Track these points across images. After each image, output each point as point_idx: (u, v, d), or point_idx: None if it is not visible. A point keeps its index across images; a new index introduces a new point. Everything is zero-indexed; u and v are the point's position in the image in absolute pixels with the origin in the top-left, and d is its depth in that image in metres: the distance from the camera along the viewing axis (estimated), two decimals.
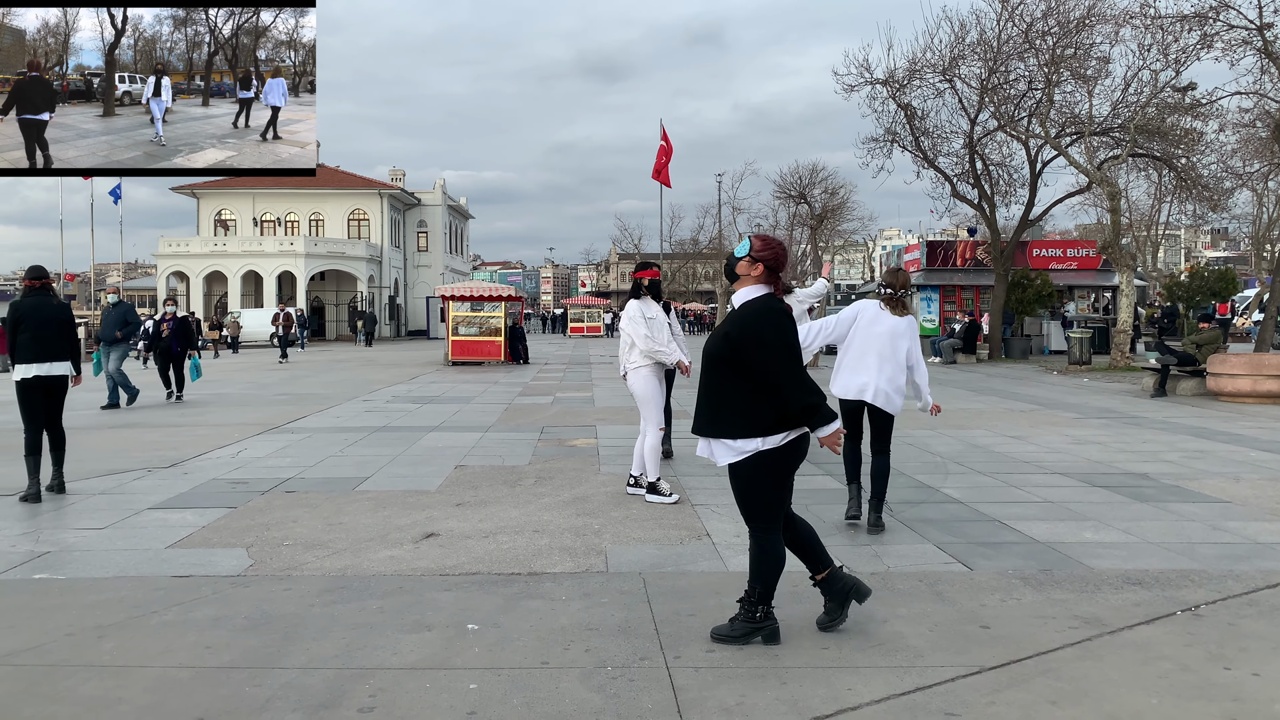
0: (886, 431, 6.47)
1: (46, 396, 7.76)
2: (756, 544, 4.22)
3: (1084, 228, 59.79)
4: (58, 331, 7.78)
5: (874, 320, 6.42)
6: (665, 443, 10.03)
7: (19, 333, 7.65)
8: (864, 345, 6.39)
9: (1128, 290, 22.56)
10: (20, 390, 7.70)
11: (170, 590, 5.05)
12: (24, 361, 7.65)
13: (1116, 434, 11.31)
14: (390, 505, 7.26)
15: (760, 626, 4.17)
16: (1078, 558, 5.62)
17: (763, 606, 4.17)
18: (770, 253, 4.14)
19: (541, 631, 4.34)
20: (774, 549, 4.20)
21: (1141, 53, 22.50)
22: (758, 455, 4.06)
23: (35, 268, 8.12)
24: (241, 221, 58.81)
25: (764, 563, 4.19)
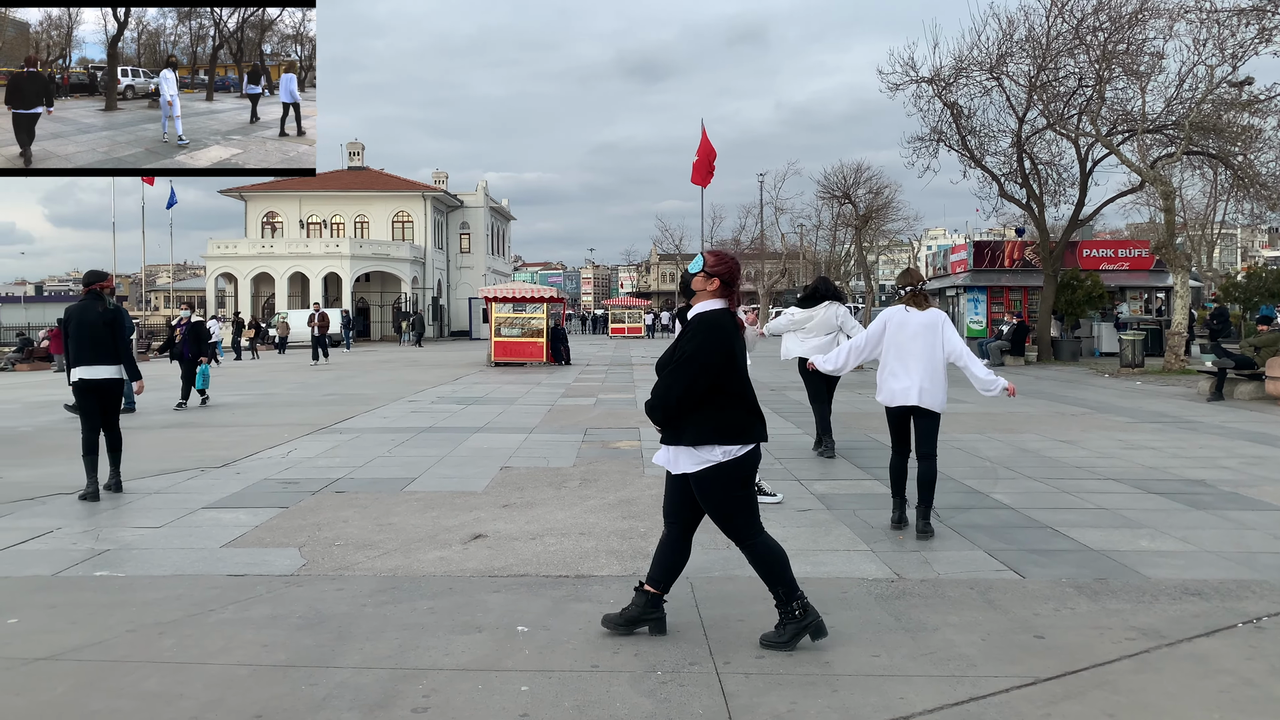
0: (933, 433, 6.42)
1: (100, 399, 7.93)
2: (748, 553, 4.24)
3: (1135, 227, 58.59)
4: (102, 336, 7.85)
5: (901, 324, 6.45)
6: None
7: (67, 337, 7.87)
8: (898, 350, 6.41)
9: (1182, 291, 22.08)
10: (75, 392, 7.92)
11: (226, 589, 5.15)
12: (73, 365, 7.86)
13: (1171, 439, 11.08)
14: (438, 506, 7.33)
15: (805, 623, 4.17)
16: (1133, 566, 5.52)
17: (797, 603, 4.17)
18: (724, 268, 4.27)
19: (591, 635, 4.36)
20: (765, 547, 4.22)
21: (1196, 48, 22.00)
22: (719, 465, 4.11)
23: (91, 272, 8.26)
24: (288, 223, 59.75)
25: (766, 564, 4.22)
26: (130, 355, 8.13)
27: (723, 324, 4.15)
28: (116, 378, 8.00)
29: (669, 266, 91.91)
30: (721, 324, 4.15)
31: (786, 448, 10.46)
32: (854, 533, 6.42)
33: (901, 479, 6.59)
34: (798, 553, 5.86)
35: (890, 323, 6.48)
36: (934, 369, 6.34)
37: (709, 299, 4.25)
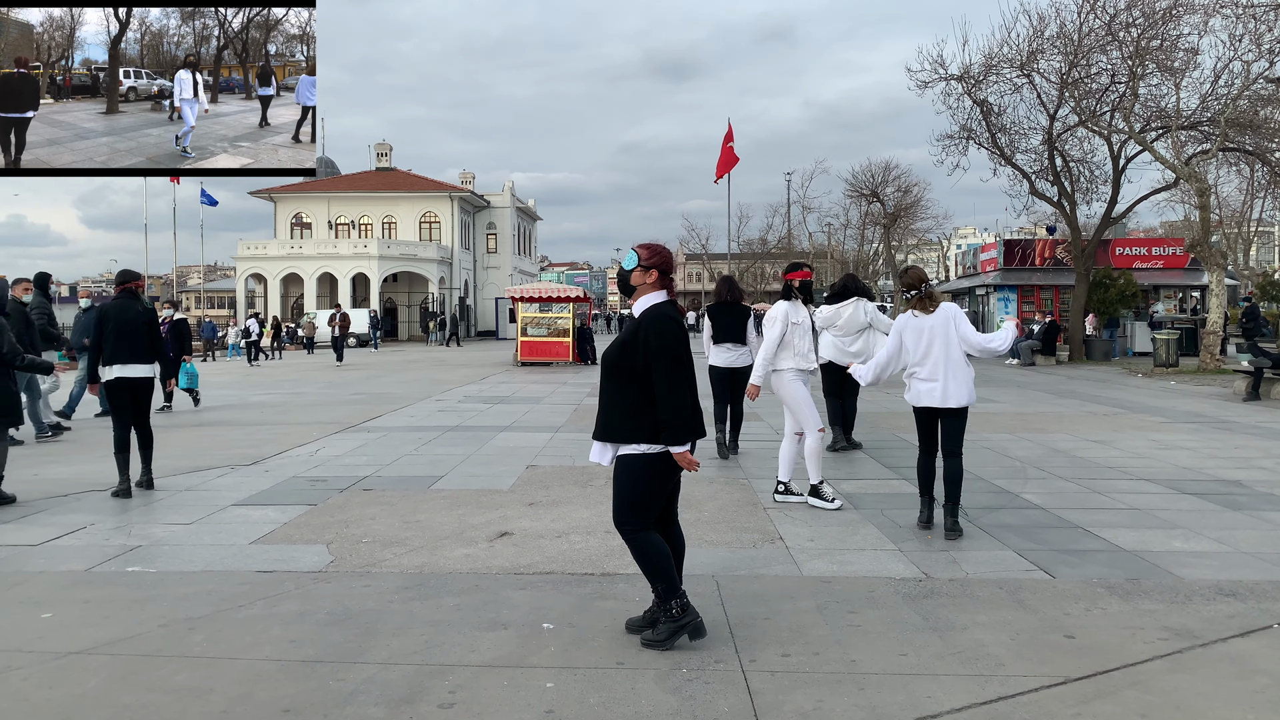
0: (959, 432, 6.38)
1: (132, 397, 8.04)
2: (632, 546, 4.21)
3: (1170, 224, 57.73)
4: (140, 334, 8.01)
5: (916, 330, 6.45)
6: (733, 443, 10.05)
7: (104, 335, 7.96)
8: (918, 354, 6.42)
9: (1218, 290, 21.75)
10: (107, 390, 8.02)
11: (255, 585, 5.20)
12: (108, 363, 7.96)
13: (1206, 439, 10.91)
14: (464, 504, 7.36)
15: (683, 622, 4.15)
16: (1167, 567, 5.44)
17: (676, 601, 4.14)
18: (659, 258, 4.29)
19: (616, 632, 4.35)
20: (648, 543, 4.17)
21: (1233, 43, 21.66)
22: (641, 456, 4.12)
23: (124, 272, 8.41)
24: (317, 224, 60.29)
25: (647, 560, 4.17)
26: (166, 354, 8.28)
27: (673, 316, 4.20)
28: (151, 376, 8.13)
29: (695, 266, 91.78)
30: (672, 316, 4.19)
31: None
32: (882, 532, 6.37)
33: (930, 478, 6.58)
34: (825, 551, 5.84)
35: (905, 331, 6.49)
36: (955, 367, 6.32)
37: (650, 291, 4.28)
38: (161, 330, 16.00)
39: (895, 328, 6.59)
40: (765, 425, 12.40)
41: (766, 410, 14.18)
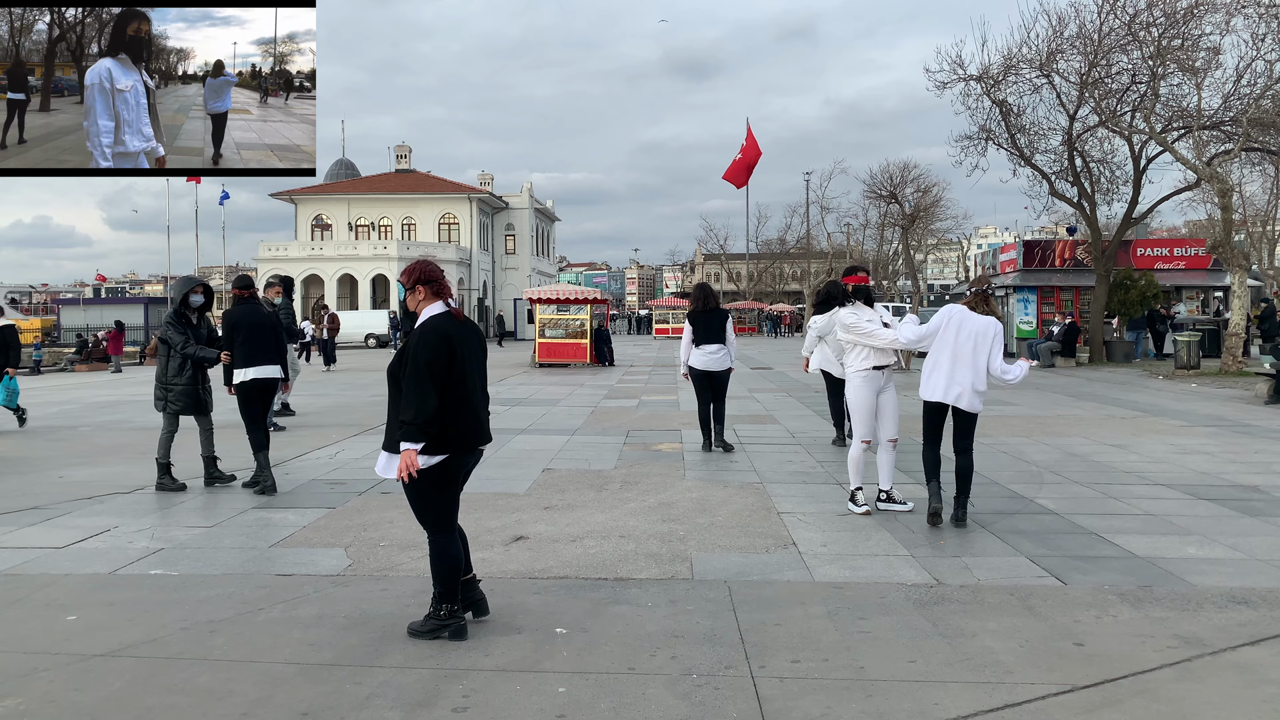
0: (970, 430, 6.72)
1: (262, 397, 8.36)
2: (431, 545, 4.47)
3: (1193, 224, 57.22)
4: (269, 337, 8.34)
5: (960, 323, 6.68)
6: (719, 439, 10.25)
7: (235, 339, 8.21)
8: (951, 348, 6.63)
9: (1240, 291, 21.56)
10: (241, 393, 8.26)
11: (275, 588, 5.29)
12: (242, 366, 8.20)
13: (1226, 443, 10.85)
14: (481, 508, 7.44)
15: (446, 624, 4.41)
16: (1180, 574, 5.44)
17: (446, 605, 4.42)
18: (415, 275, 4.53)
19: (628, 637, 4.41)
20: (447, 549, 4.45)
21: (1255, 43, 21.46)
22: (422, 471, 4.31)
23: (241, 277, 8.79)
24: (337, 226, 60.75)
25: (439, 561, 4.44)
26: (286, 356, 8.61)
27: (440, 327, 4.39)
28: (279, 377, 8.45)
29: (714, 267, 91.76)
30: (438, 327, 4.39)
31: (828, 448, 10.44)
32: (894, 537, 6.40)
33: (935, 466, 6.84)
34: (837, 557, 5.88)
35: (950, 320, 6.71)
36: (978, 374, 6.61)
37: (426, 305, 4.50)
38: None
39: (945, 311, 6.81)
40: (780, 428, 12.43)
41: (783, 413, 14.21)
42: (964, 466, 6.70)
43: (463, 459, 4.47)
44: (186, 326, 8.22)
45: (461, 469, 4.51)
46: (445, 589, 4.44)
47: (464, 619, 4.49)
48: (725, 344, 10.32)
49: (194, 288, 8.36)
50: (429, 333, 4.36)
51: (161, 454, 8.33)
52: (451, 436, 4.34)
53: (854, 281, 7.51)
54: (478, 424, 4.51)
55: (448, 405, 4.31)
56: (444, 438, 4.32)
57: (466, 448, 4.44)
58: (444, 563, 4.45)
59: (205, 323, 8.49)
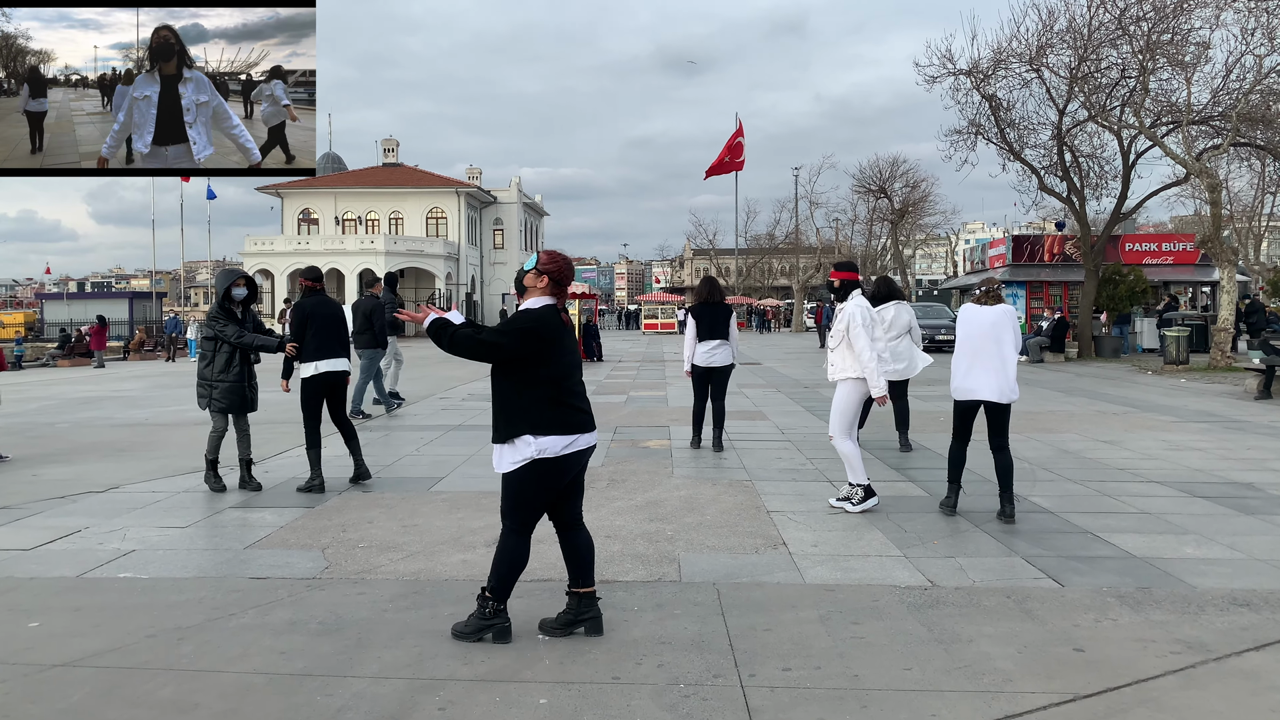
0: (1005, 424, 6.79)
1: (332, 391, 8.21)
2: (503, 538, 4.32)
3: (1180, 220, 57.32)
4: (338, 330, 8.21)
5: (972, 320, 6.82)
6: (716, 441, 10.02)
7: (307, 331, 8.05)
8: (971, 345, 6.77)
9: (1229, 286, 21.53)
10: (307, 387, 8.11)
11: (247, 592, 5.11)
12: (312, 359, 8.04)
13: (1218, 439, 10.76)
14: (464, 507, 7.27)
15: (491, 623, 4.28)
16: (1179, 575, 5.31)
17: (494, 603, 4.26)
18: (555, 266, 4.32)
19: (613, 644, 4.25)
20: (517, 548, 4.29)
21: (1245, 37, 21.41)
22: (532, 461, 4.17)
23: (312, 269, 8.62)
24: (324, 220, 60.35)
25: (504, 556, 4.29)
26: (350, 349, 8.46)
27: (543, 317, 4.24)
28: (348, 370, 8.32)
29: (703, 262, 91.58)
30: (542, 317, 4.24)
31: (817, 445, 10.30)
32: (887, 537, 6.26)
33: (960, 466, 6.93)
34: (828, 558, 5.73)
35: (964, 320, 6.85)
36: (1004, 363, 6.69)
37: (538, 295, 4.32)
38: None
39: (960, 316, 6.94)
40: (770, 425, 12.29)
41: (772, 409, 14.07)
42: (1005, 462, 6.79)
43: (570, 459, 4.26)
44: (231, 320, 7.94)
45: (569, 468, 4.28)
46: (500, 583, 4.28)
47: (508, 620, 4.31)
48: (728, 340, 9.96)
49: (236, 280, 8.04)
50: (528, 317, 4.23)
51: (210, 450, 8.09)
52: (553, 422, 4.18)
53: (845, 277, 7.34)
54: (583, 413, 4.32)
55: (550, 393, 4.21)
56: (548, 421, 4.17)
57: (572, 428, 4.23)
58: (508, 558, 4.27)
59: (251, 316, 8.19)
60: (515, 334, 4.17)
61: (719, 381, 10.07)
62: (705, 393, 10.12)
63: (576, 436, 4.25)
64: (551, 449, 4.17)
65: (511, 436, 4.19)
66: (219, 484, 8.02)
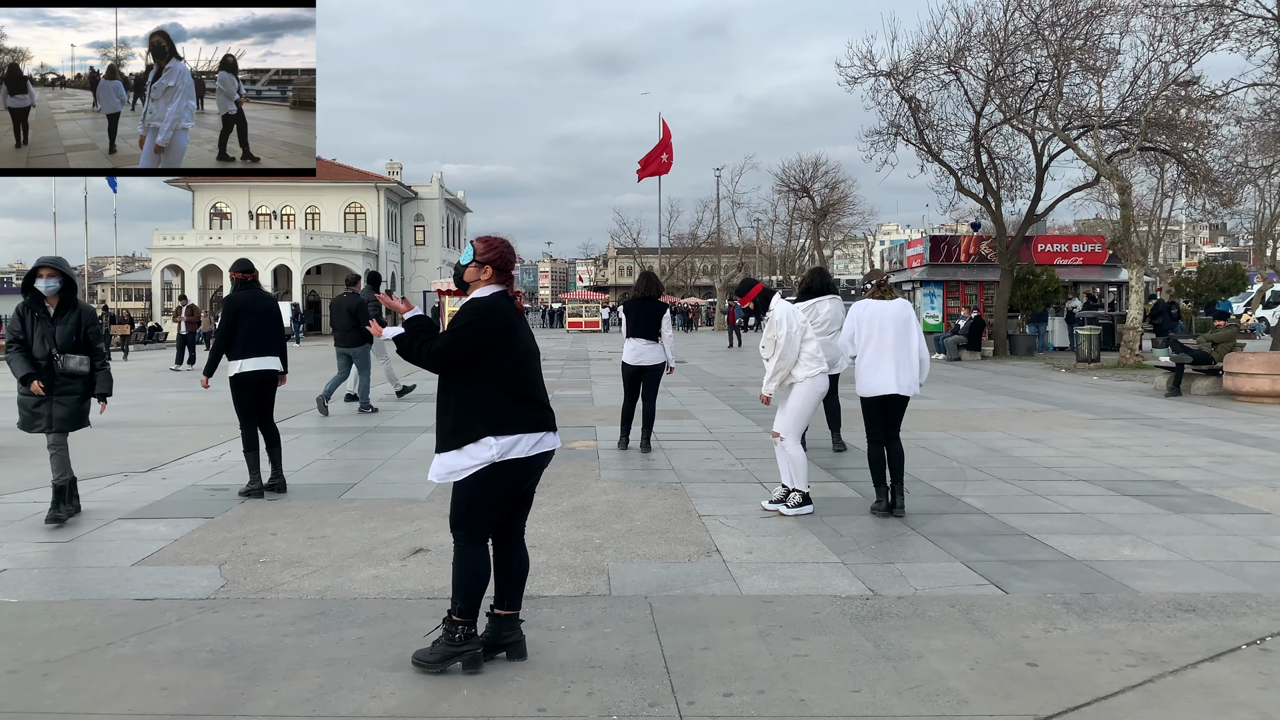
0: (900, 419, 6.84)
1: (260, 391, 7.62)
2: (458, 554, 3.90)
3: (1082, 223, 59.23)
4: (271, 326, 7.64)
5: (874, 316, 6.74)
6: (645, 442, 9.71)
7: (237, 327, 7.45)
8: (876, 341, 6.68)
9: (1137, 287, 22.13)
10: (235, 386, 7.52)
11: (130, 616, 4.60)
12: (240, 356, 7.45)
13: (1137, 437, 10.88)
14: (377, 516, 6.82)
15: (460, 650, 3.85)
16: (1120, 579, 5.19)
17: (464, 625, 3.84)
18: (495, 253, 3.94)
19: (539, 669, 3.89)
20: (477, 559, 3.88)
21: (1152, 43, 22.02)
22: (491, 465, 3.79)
23: (243, 260, 7.99)
24: (237, 215, 58.33)
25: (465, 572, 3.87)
26: (286, 347, 7.89)
27: (494, 305, 3.86)
28: (279, 370, 7.71)
29: (627, 260, 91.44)
30: (492, 305, 3.86)
31: (746, 444, 10.08)
32: (822, 542, 6.02)
33: (883, 468, 6.78)
34: (764, 565, 5.47)
35: (866, 314, 6.71)
36: (909, 356, 6.68)
37: (483, 287, 3.92)
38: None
39: (856, 310, 6.79)
40: (697, 424, 12.04)
41: (698, 408, 13.84)
42: (898, 454, 6.77)
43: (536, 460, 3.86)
44: (32, 321, 6.46)
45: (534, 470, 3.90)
46: (468, 603, 3.83)
47: (480, 648, 3.88)
48: (657, 339, 9.61)
49: (39, 269, 6.48)
50: (480, 309, 3.83)
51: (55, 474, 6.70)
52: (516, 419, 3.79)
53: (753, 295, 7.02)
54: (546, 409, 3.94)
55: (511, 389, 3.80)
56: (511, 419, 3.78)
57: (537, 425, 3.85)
58: (469, 573, 3.85)
59: (79, 315, 6.56)
60: (466, 330, 3.76)
61: (650, 381, 9.76)
62: (636, 391, 9.79)
63: (543, 435, 3.87)
64: (518, 450, 3.78)
65: (467, 440, 3.75)
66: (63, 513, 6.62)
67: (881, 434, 6.79)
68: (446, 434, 3.80)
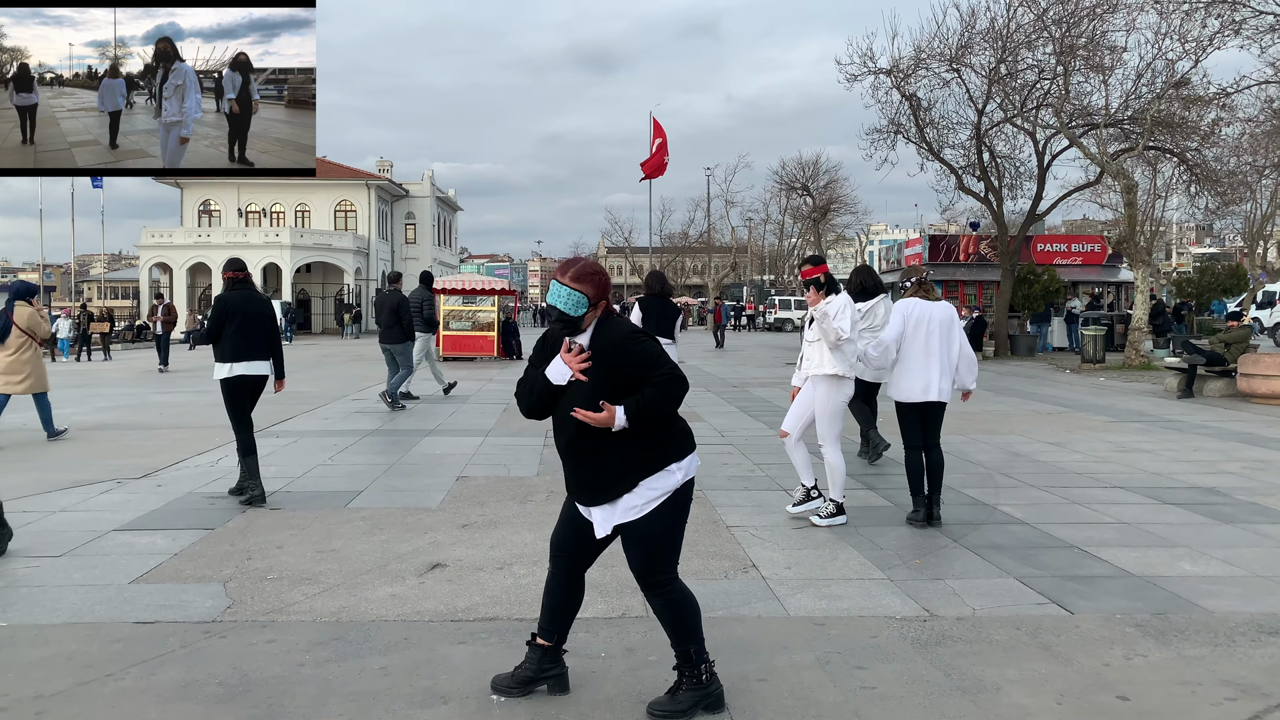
0: (939, 425, 6.55)
1: (252, 396, 7.33)
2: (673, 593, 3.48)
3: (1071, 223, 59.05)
4: (264, 328, 7.33)
5: (921, 318, 6.39)
6: None
7: (225, 328, 7.14)
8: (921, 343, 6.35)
9: (1143, 286, 21.89)
10: (226, 390, 7.21)
11: (130, 642, 4.24)
12: (229, 359, 7.14)
13: (1161, 440, 10.59)
14: (388, 526, 6.46)
15: (708, 691, 3.46)
16: (1188, 597, 4.87)
17: (706, 666, 3.48)
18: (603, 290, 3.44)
19: (584, 706, 3.55)
20: (684, 592, 3.52)
21: (1158, 41, 21.78)
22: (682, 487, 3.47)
23: (235, 260, 7.69)
24: (226, 212, 57.69)
25: (689, 608, 3.50)
26: (280, 350, 7.61)
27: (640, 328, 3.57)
28: (269, 374, 7.42)
29: (618, 260, 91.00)
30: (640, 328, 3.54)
31: (761, 449, 9.75)
32: (864, 556, 5.69)
33: (921, 476, 6.47)
34: (807, 582, 5.13)
35: (911, 315, 6.38)
36: (951, 362, 6.40)
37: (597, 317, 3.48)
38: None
39: (901, 309, 6.45)
40: (707, 426, 11.71)
41: (706, 410, 13.50)
42: (937, 463, 6.48)
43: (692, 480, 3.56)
44: None
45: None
46: (699, 643, 3.48)
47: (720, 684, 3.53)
48: (674, 340, 9.21)
49: None
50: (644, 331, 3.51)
51: None
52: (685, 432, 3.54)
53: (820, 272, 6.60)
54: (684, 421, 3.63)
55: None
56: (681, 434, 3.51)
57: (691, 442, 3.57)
58: (692, 608, 3.50)
59: None
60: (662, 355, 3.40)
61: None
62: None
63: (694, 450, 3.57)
64: (692, 466, 3.50)
65: (650, 473, 3.38)
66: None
67: (919, 440, 6.48)
68: (616, 475, 3.38)
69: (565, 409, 3.38)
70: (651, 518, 3.40)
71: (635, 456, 3.37)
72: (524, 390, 3.50)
